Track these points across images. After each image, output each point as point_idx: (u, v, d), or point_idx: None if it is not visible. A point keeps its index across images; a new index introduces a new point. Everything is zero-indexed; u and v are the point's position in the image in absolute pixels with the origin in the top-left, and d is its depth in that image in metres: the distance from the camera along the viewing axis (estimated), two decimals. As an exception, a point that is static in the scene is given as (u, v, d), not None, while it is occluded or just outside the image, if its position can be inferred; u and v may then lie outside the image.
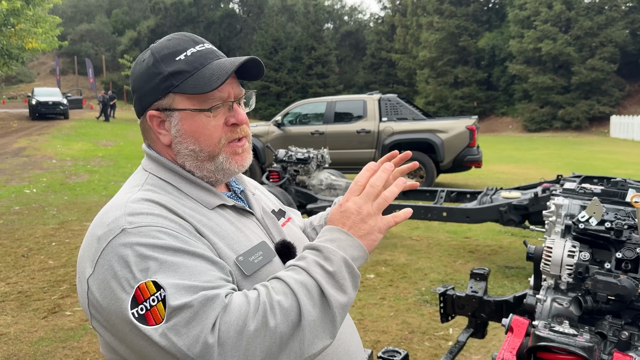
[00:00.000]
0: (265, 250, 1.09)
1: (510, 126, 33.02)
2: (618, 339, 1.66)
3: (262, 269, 1.05)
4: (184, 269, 0.90)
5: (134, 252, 0.91)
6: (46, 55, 50.07)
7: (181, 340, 0.84)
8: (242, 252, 1.04)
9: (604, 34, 29.03)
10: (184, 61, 1.06)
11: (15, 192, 9.22)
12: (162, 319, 0.85)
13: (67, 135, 19.95)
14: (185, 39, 1.10)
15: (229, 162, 1.11)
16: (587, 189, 1.90)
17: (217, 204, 1.09)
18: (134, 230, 0.93)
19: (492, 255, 5.72)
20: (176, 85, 1.05)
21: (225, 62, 1.07)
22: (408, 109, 10.28)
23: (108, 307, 0.91)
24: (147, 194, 1.04)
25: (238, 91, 1.12)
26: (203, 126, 1.07)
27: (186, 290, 0.87)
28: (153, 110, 1.09)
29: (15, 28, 20.70)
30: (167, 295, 0.86)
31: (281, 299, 0.90)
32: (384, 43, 43.71)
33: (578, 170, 11.05)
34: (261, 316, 0.87)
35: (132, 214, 0.97)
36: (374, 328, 3.82)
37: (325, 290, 0.91)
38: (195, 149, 1.08)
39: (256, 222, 1.16)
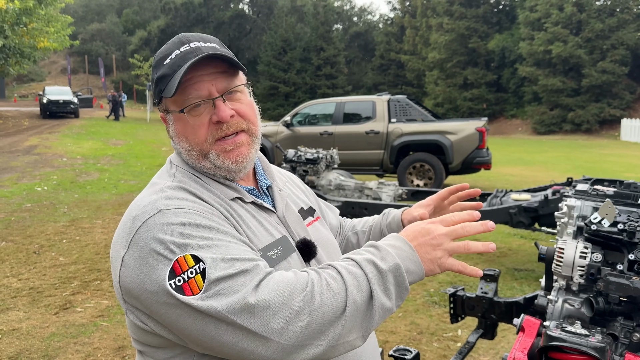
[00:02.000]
0: (285, 245, 1.10)
1: (519, 128, 32.86)
2: (629, 340, 1.66)
3: (281, 263, 1.06)
4: (221, 245, 0.93)
5: (171, 229, 0.94)
6: (57, 54, 50.45)
7: (220, 302, 0.87)
8: (262, 247, 1.05)
9: (616, 36, 28.82)
10: (167, 65, 1.07)
11: (27, 190, 9.31)
12: (199, 290, 0.88)
13: (77, 134, 20.10)
14: (176, 42, 1.11)
15: (221, 159, 1.09)
16: (599, 191, 1.90)
17: (234, 196, 1.10)
18: (171, 211, 0.97)
19: (501, 257, 5.70)
20: (162, 89, 1.08)
21: (187, 63, 1.04)
22: (417, 110, 10.26)
23: (144, 281, 0.92)
24: (179, 184, 1.08)
25: (224, 85, 1.09)
26: (188, 126, 1.09)
27: (225, 262, 0.90)
28: (160, 112, 1.16)
29: (27, 27, 20.92)
30: (207, 267, 0.89)
31: (330, 281, 0.91)
32: (393, 44, 43.66)
33: (588, 173, 10.98)
34: (309, 291, 0.88)
35: (169, 198, 1.01)
36: (383, 328, 3.82)
37: (373, 287, 0.92)
38: (188, 147, 1.11)
39: (277, 220, 1.15)
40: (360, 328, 0.91)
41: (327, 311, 0.88)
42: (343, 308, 0.89)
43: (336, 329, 0.89)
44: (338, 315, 0.89)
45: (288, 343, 0.86)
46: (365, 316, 0.91)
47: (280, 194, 1.22)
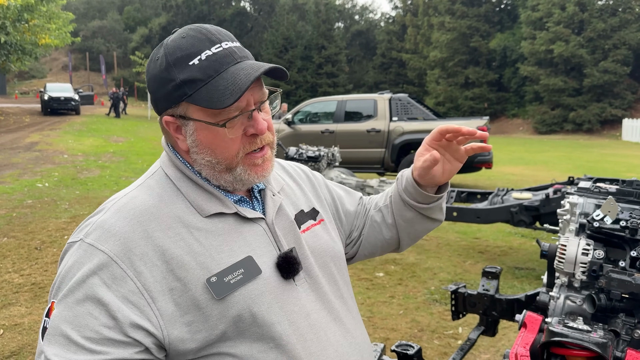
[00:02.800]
0: (249, 267, 0.99)
1: (520, 128, 32.85)
2: (631, 337, 1.66)
3: (239, 289, 0.96)
4: (79, 315, 0.88)
5: (69, 268, 0.93)
6: (58, 51, 50.44)
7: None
8: (218, 272, 0.95)
9: (618, 36, 28.79)
10: (197, 67, 0.96)
11: (28, 186, 9.32)
12: (40, 352, 0.89)
13: (78, 131, 20.11)
14: (201, 38, 0.98)
15: (248, 173, 1.03)
16: (602, 188, 1.91)
17: (212, 212, 1.01)
18: (84, 245, 0.94)
19: (502, 256, 5.71)
20: (189, 94, 0.96)
21: (241, 73, 0.96)
22: (419, 109, 10.27)
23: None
24: (139, 194, 1.02)
25: (259, 96, 1.02)
26: (219, 139, 0.99)
27: (60, 339, 0.87)
28: (168, 116, 1.03)
29: (29, 24, 20.91)
30: (46, 333, 0.89)
31: None
32: (395, 43, 43.62)
33: (589, 173, 10.98)
34: None
35: (98, 228, 0.95)
36: (384, 325, 3.83)
37: None
38: (212, 160, 1.01)
39: (262, 230, 1.06)
40: None
41: None
42: None
43: None
44: None
45: None
46: None
47: (273, 199, 1.12)
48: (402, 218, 1.26)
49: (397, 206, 1.27)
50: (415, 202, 1.23)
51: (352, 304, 1.20)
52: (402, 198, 1.24)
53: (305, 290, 1.06)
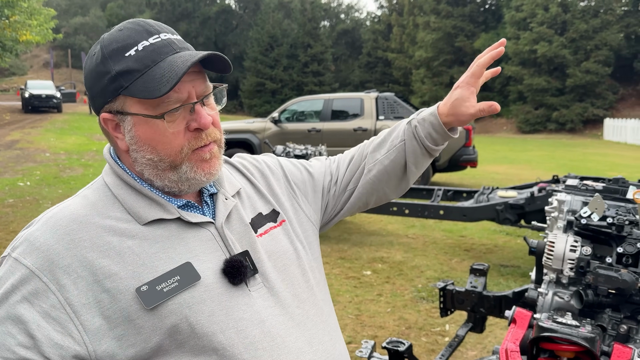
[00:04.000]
0: (186, 273, 0.93)
1: (504, 127, 33.19)
2: (617, 332, 1.70)
3: (173, 298, 0.90)
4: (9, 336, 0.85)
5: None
6: (39, 47, 49.69)
7: None
8: (149, 280, 0.90)
9: (599, 37, 29.23)
10: (133, 58, 0.92)
11: (9, 185, 9.18)
12: None
13: (60, 129, 19.84)
14: (138, 30, 0.94)
15: (194, 170, 0.97)
16: (589, 186, 1.93)
17: (150, 219, 0.96)
18: (10, 261, 0.91)
19: (488, 253, 5.77)
20: (125, 86, 0.92)
21: (178, 60, 0.91)
22: (405, 108, 10.31)
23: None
24: (76, 204, 0.98)
25: (202, 89, 0.97)
26: (160, 133, 0.94)
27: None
28: (105, 112, 0.97)
29: (9, 20, 20.52)
30: None
31: None
32: (380, 42, 43.75)
33: (572, 171, 11.13)
34: None
35: (25, 242, 0.92)
36: (372, 323, 3.85)
37: None
38: (154, 158, 0.95)
39: (211, 234, 1.00)
40: None
41: None
42: None
43: None
44: None
45: None
46: None
47: (225, 202, 1.05)
48: (415, 162, 1.20)
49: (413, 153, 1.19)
50: (435, 145, 1.18)
51: (324, 307, 1.12)
52: (423, 145, 1.18)
53: (261, 295, 1.00)
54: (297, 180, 1.24)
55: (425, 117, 1.18)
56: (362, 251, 5.74)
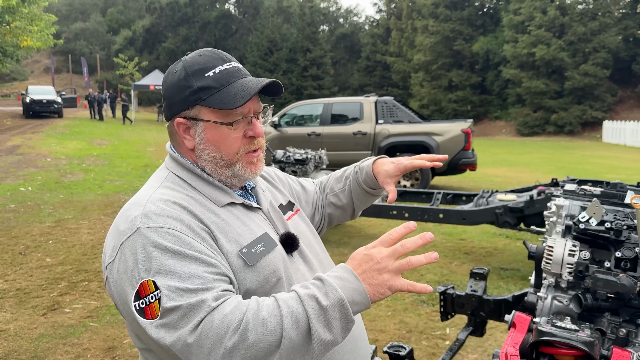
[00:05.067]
0: (267, 241, 1.20)
1: (503, 130, 33.24)
2: (616, 336, 1.71)
3: (264, 257, 1.16)
4: (181, 271, 1.01)
5: (143, 250, 1.03)
6: (40, 53, 49.77)
7: (168, 336, 0.97)
8: (246, 244, 1.15)
9: (597, 39, 29.33)
10: (212, 78, 1.17)
11: (11, 190, 9.19)
12: (157, 315, 0.98)
13: (61, 134, 19.86)
14: (215, 57, 1.21)
15: (245, 170, 1.23)
16: (587, 191, 1.95)
17: (227, 202, 1.21)
18: (146, 230, 1.05)
19: (488, 257, 5.78)
20: (204, 99, 1.17)
21: (249, 83, 1.18)
22: (404, 112, 10.35)
23: (120, 295, 1.05)
24: (165, 191, 1.17)
25: (257, 106, 1.24)
26: (225, 137, 1.20)
27: (179, 293, 0.98)
28: (180, 118, 1.21)
29: (10, 26, 20.59)
30: (162, 296, 0.98)
31: (267, 318, 0.97)
32: (379, 46, 43.86)
33: (571, 174, 11.15)
34: (242, 329, 0.95)
35: (147, 215, 1.08)
36: (372, 327, 3.86)
37: (312, 324, 0.96)
38: (216, 156, 1.21)
39: (263, 217, 1.27)
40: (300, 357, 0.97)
41: (261, 348, 0.95)
42: (277, 344, 0.95)
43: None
44: (272, 350, 0.95)
45: None
46: (303, 350, 0.97)
47: (264, 194, 1.34)
48: (358, 199, 1.58)
49: (357, 194, 1.57)
50: (371, 189, 1.56)
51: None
52: (362, 187, 1.55)
53: (300, 262, 1.27)
54: (297, 192, 1.57)
55: (363, 167, 1.57)
56: (363, 255, 5.75)
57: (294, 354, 0.96)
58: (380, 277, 1.00)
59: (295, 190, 1.56)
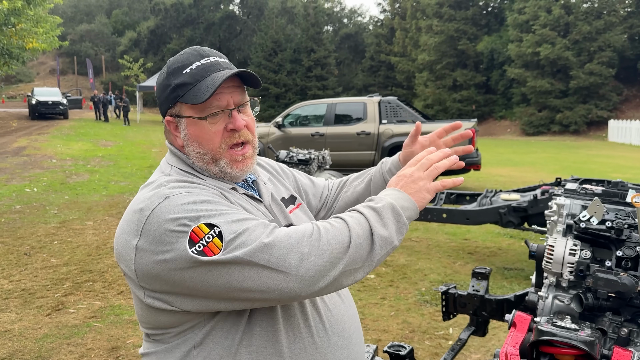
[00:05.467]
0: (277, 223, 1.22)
1: (508, 129, 33.13)
2: (617, 335, 1.70)
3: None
4: (229, 212, 1.07)
5: (180, 209, 1.05)
6: (45, 55, 50.03)
7: (241, 251, 1.01)
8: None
9: (603, 38, 29.18)
10: (188, 74, 1.19)
11: (16, 191, 9.24)
12: (220, 250, 1.01)
13: (66, 135, 19.96)
14: (194, 54, 1.22)
15: (230, 167, 1.22)
16: (588, 190, 1.95)
17: (230, 187, 1.24)
18: (176, 196, 1.09)
19: (491, 256, 5.77)
20: (181, 95, 1.19)
21: (218, 76, 1.17)
22: (408, 112, 10.33)
23: (164, 259, 1.03)
24: (176, 177, 1.20)
25: (239, 99, 1.22)
26: (205, 132, 1.20)
27: (238, 223, 1.04)
28: (168, 116, 1.24)
29: (16, 28, 20.71)
30: (223, 230, 1.02)
31: (334, 223, 1.09)
32: (383, 46, 43.82)
33: (576, 173, 11.08)
34: (316, 232, 1.05)
35: (172, 188, 1.13)
36: (375, 327, 3.86)
37: (371, 223, 1.07)
38: (200, 151, 1.21)
39: (265, 209, 1.28)
40: (364, 258, 1.07)
41: (334, 245, 1.04)
42: (348, 242, 1.05)
43: (344, 260, 1.04)
44: (345, 248, 1.04)
45: (305, 275, 1.01)
46: (368, 247, 1.06)
47: (265, 186, 1.35)
48: (376, 191, 1.53)
49: (377, 188, 1.54)
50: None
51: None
52: (384, 178, 1.53)
53: None
54: (304, 184, 1.57)
55: (389, 159, 1.58)
56: (366, 255, 5.75)
57: (361, 251, 1.05)
58: (417, 185, 1.17)
59: (302, 183, 1.57)
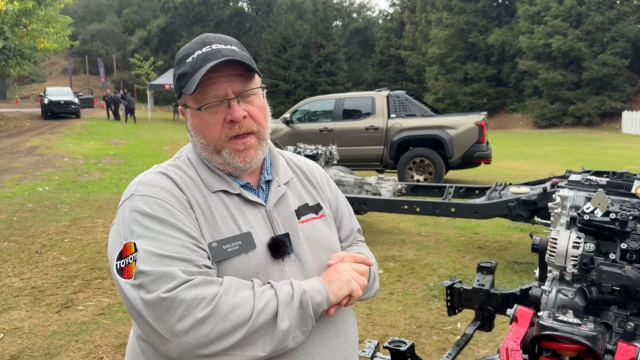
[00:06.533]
0: (246, 241, 1.16)
1: (520, 122, 32.80)
2: (623, 329, 1.67)
3: (233, 258, 1.13)
4: (161, 238, 1.06)
5: (131, 215, 1.10)
6: (57, 55, 50.51)
7: (140, 296, 1.01)
8: (220, 239, 1.13)
9: (616, 28, 28.71)
10: (189, 63, 1.16)
11: (29, 190, 9.34)
12: (131, 276, 1.03)
13: (78, 134, 20.13)
14: (198, 42, 1.19)
15: (232, 157, 1.19)
16: (592, 181, 1.90)
17: (218, 189, 1.19)
18: (138, 197, 1.12)
19: (501, 250, 5.71)
20: (183, 85, 1.17)
21: (208, 65, 1.13)
22: (416, 106, 10.26)
23: (110, 253, 1.11)
24: (169, 167, 1.21)
25: (240, 88, 1.17)
26: (205, 122, 1.18)
27: (154, 258, 1.03)
28: (180, 105, 1.25)
29: (27, 28, 20.93)
30: (138, 258, 1.03)
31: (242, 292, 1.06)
32: (393, 40, 43.56)
33: (589, 166, 10.95)
34: (215, 304, 1.01)
35: (143, 184, 1.15)
36: (382, 322, 3.84)
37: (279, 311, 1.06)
38: (204, 142, 1.20)
39: (262, 214, 1.22)
40: (262, 342, 1.04)
41: (230, 323, 1.01)
42: (247, 320, 1.02)
43: (234, 337, 1.01)
44: (241, 325, 1.01)
45: (187, 344, 0.99)
46: (269, 332, 1.04)
47: (277, 189, 1.27)
48: None
49: None
50: None
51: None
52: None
53: (292, 270, 1.20)
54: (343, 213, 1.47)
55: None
56: (374, 250, 5.72)
57: (259, 335, 1.03)
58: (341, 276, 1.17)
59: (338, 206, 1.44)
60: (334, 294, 1.14)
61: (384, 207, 5.72)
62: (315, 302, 1.11)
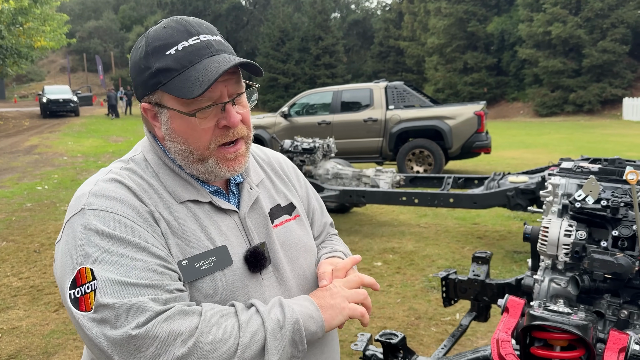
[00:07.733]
0: (221, 256, 1.02)
1: (521, 111, 32.67)
2: (617, 317, 1.65)
3: (208, 277, 1.00)
4: (123, 262, 0.90)
5: (84, 234, 0.93)
6: (55, 53, 50.40)
7: (104, 334, 0.86)
8: (190, 256, 0.99)
9: (615, 14, 28.49)
10: (173, 57, 0.98)
11: (28, 189, 9.34)
12: (91, 308, 0.87)
13: (77, 132, 20.12)
14: (180, 29, 1.00)
15: (219, 166, 1.05)
16: (584, 168, 1.88)
17: (187, 199, 1.04)
18: (90, 212, 0.95)
19: (501, 240, 5.69)
20: (163, 83, 0.99)
21: (212, 65, 0.98)
22: (415, 96, 10.21)
23: (60, 279, 0.94)
24: (124, 172, 1.04)
25: (234, 89, 1.03)
26: (192, 128, 1.01)
27: (117, 287, 0.88)
28: (146, 103, 1.05)
29: (23, 27, 20.88)
30: (98, 288, 0.88)
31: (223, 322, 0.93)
32: (392, 31, 43.34)
33: (589, 153, 10.93)
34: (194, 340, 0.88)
35: (95, 195, 0.98)
36: (381, 315, 3.82)
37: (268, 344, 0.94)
38: (185, 149, 1.03)
39: (235, 222, 1.09)
40: None
41: (215, 357, 0.88)
42: (231, 356, 0.90)
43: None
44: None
45: None
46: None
47: (250, 192, 1.14)
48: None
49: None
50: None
51: None
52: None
53: (271, 283, 1.09)
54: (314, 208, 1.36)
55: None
56: (373, 242, 5.71)
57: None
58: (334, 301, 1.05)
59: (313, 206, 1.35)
60: (327, 322, 1.02)
61: (383, 199, 5.70)
62: (309, 332, 0.99)
